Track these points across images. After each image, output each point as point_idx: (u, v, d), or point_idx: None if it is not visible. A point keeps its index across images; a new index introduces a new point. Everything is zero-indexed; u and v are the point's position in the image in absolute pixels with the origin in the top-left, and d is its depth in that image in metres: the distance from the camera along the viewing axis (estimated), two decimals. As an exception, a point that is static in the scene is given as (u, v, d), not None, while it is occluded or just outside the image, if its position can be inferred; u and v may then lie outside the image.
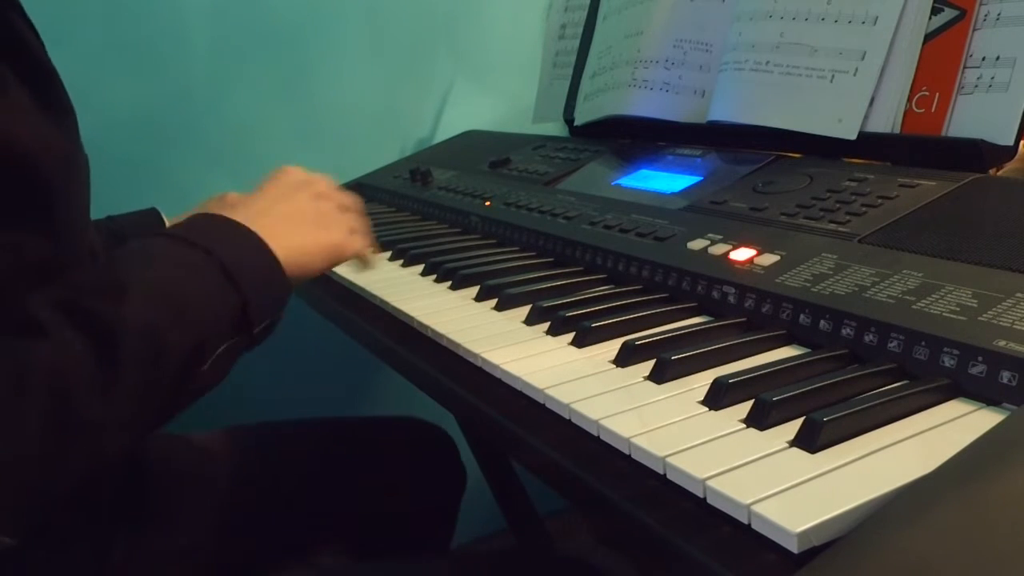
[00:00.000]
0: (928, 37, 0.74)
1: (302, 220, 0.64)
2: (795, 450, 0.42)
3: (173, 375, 0.51)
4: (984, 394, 0.46)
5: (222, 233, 0.57)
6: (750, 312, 0.60)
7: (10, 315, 0.47)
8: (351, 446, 0.97)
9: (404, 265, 0.89)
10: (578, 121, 1.12)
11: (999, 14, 0.69)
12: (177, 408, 0.54)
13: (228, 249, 0.55)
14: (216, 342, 0.53)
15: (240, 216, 0.60)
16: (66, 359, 0.45)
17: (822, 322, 0.55)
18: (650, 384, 0.53)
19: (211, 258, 0.54)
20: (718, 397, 0.48)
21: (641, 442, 0.45)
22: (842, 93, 0.78)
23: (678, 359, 0.53)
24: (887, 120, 0.76)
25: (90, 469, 0.49)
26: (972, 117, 0.70)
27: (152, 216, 0.98)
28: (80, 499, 0.57)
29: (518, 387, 0.56)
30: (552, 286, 0.73)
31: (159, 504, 0.73)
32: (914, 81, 0.74)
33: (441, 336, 0.66)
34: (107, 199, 0.90)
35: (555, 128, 1.27)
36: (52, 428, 0.45)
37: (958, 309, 0.49)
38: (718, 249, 0.68)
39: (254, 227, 0.59)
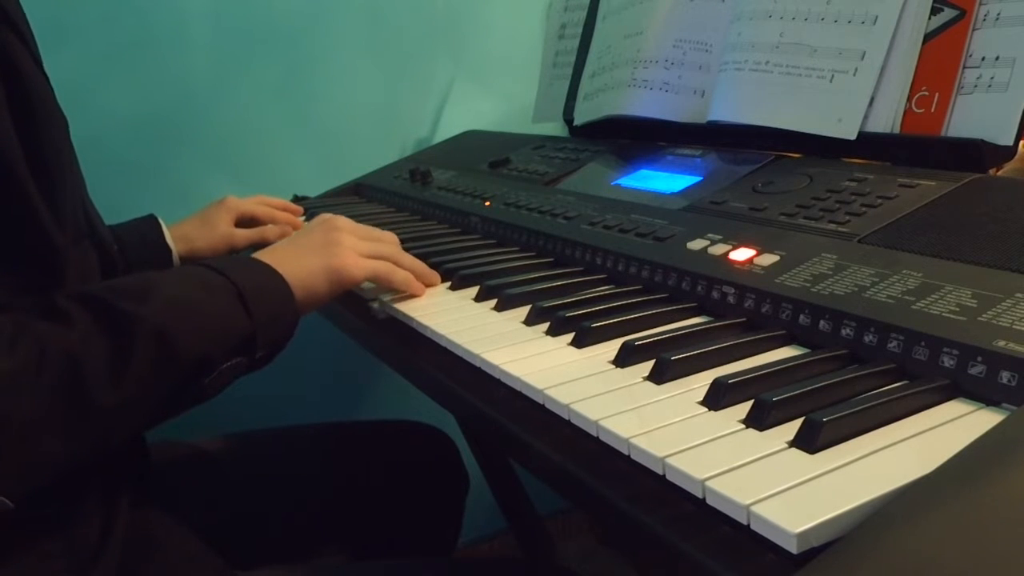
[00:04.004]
0: (928, 37, 0.74)
1: (308, 250, 0.69)
2: (795, 450, 0.42)
3: (178, 379, 0.56)
4: (984, 394, 0.46)
5: (244, 266, 0.64)
6: (750, 312, 0.60)
7: (38, 302, 0.53)
8: (353, 451, 0.98)
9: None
10: (578, 121, 1.12)
11: (999, 14, 0.69)
12: (176, 411, 0.59)
13: (246, 279, 0.61)
14: (221, 359, 0.59)
15: (260, 255, 0.68)
16: (84, 345, 0.51)
17: (822, 322, 0.55)
18: (650, 384, 0.53)
19: (230, 283, 0.60)
20: (718, 397, 0.48)
21: (640, 442, 0.45)
22: (842, 93, 0.78)
23: (678, 359, 0.53)
24: (887, 120, 0.76)
25: (93, 452, 0.54)
26: (972, 117, 0.70)
27: (150, 223, 0.98)
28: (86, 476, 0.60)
29: (517, 387, 0.56)
30: (552, 286, 0.73)
31: (163, 505, 0.73)
32: (914, 81, 0.74)
33: (441, 336, 0.66)
34: (107, 199, 0.90)
35: (555, 128, 1.27)
36: (64, 405, 0.50)
37: (958, 309, 0.49)
38: (718, 249, 0.68)
39: (266, 260, 0.66)
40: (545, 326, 0.64)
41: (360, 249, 0.72)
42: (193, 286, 0.59)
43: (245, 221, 1.06)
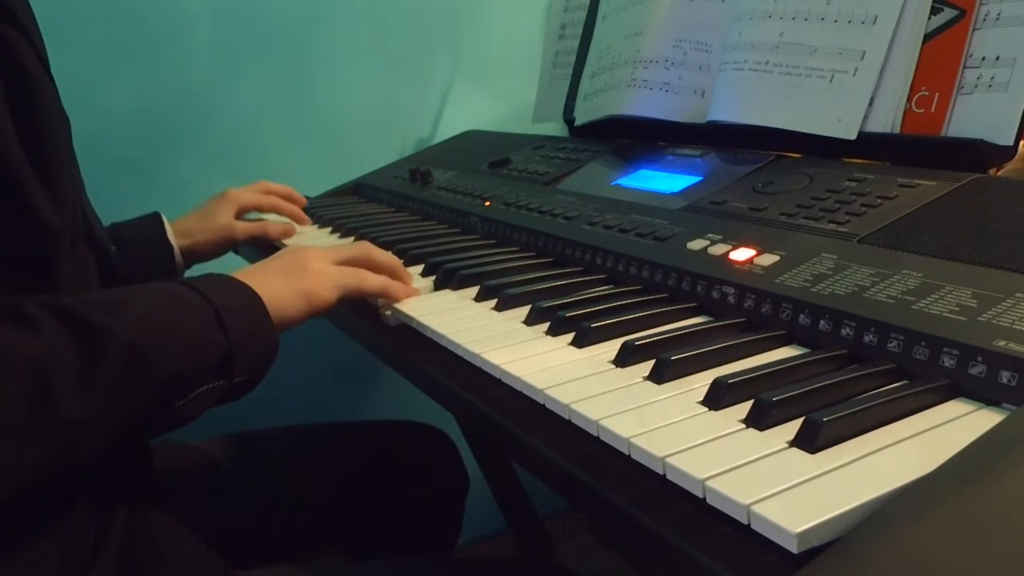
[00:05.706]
0: (928, 37, 0.74)
1: (279, 273, 0.69)
2: (795, 450, 0.42)
3: (151, 396, 0.54)
4: (984, 394, 0.46)
5: (221, 285, 0.62)
6: (750, 312, 0.60)
7: (6, 309, 0.50)
8: (353, 450, 0.98)
9: (404, 265, 0.88)
10: (578, 121, 1.12)
11: (999, 14, 0.69)
12: (148, 432, 0.58)
13: (223, 298, 0.60)
14: (198, 381, 0.57)
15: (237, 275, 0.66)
16: (51, 352, 0.49)
17: (822, 322, 0.55)
18: (650, 384, 0.53)
19: (206, 302, 0.59)
20: (718, 397, 0.48)
21: (640, 442, 0.45)
22: (842, 93, 0.78)
23: (678, 359, 0.53)
24: (887, 120, 0.76)
25: (58, 465, 0.51)
26: (972, 117, 0.70)
27: (153, 221, 0.98)
28: (84, 478, 0.59)
29: (518, 387, 0.56)
30: (552, 286, 0.73)
31: (162, 506, 0.73)
32: (914, 81, 0.74)
33: (441, 336, 0.66)
34: (107, 199, 0.90)
35: (555, 128, 1.27)
36: (28, 414, 0.48)
37: (958, 309, 0.49)
38: (718, 249, 0.68)
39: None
40: (545, 326, 0.64)
41: (329, 269, 0.71)
42: (168, 303, 0.57)
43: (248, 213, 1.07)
